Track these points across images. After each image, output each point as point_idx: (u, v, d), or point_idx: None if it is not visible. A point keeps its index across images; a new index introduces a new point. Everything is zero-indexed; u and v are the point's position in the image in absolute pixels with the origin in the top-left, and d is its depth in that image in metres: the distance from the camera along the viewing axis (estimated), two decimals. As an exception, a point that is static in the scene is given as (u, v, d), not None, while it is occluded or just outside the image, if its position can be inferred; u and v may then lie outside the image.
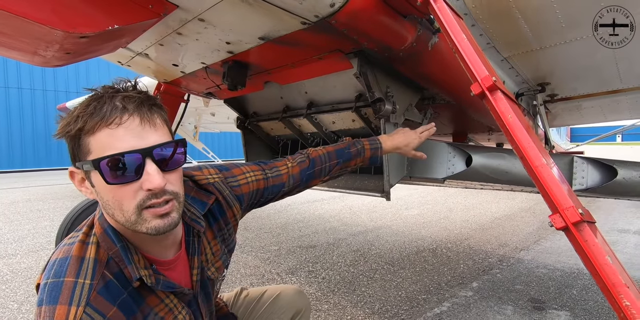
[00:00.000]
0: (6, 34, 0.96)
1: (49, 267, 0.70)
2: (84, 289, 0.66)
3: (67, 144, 0.69)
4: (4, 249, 3.47)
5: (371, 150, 1.23)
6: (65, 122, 0.67)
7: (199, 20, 1.24)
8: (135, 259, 0.72)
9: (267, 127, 2.30)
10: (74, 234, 0.76)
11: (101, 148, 0.64)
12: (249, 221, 4.61)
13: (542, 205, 5.63)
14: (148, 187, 0.65)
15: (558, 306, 2.20)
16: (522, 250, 3.35)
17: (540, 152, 0.72)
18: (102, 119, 0.64)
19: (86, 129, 0.64)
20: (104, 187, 0.66)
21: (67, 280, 0.67)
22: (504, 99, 0.80)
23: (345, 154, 1.19)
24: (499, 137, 3.19)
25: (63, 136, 0.68)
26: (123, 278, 0.71)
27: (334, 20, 1.14)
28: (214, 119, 5.88)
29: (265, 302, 1.18)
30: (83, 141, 0.66)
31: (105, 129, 0.64)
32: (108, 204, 0.68)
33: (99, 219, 0.74)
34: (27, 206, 5.82)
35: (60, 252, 0.72)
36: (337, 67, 1.51)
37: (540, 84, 2.29)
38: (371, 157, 1.23)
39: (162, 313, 0.76)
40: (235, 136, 18.33)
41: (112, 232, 0.72)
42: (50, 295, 0.65)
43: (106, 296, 0.67)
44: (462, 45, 0.86)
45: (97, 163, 0.64)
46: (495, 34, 1.73)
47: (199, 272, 0.85)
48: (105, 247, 0.72)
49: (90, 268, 0.69)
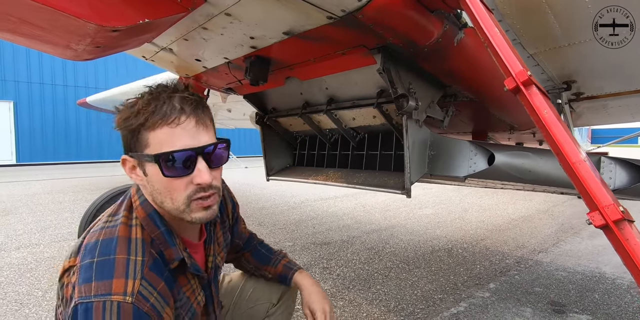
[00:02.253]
0: (43, 27, 0.98)
1: (89, 248, 0.73)
2: (137, 264, 0.71)
3: (123, 135, 0.76)
4: (28, 238, 3.59)
5: (284, 266, 1.18)
6: (124, 115, 0.74)
7: (225, 15, 1.25)
8: (177, 241, 0.80)
9: (286, 123, 2.31)
10: (109, 218, 0.81)
11: (159, 143, 0.72)
12: (264, 217, 4.65)
13: (560, 207, 5.50)
14: (198, 182, 0.74)
15: (579, 310, 2.15)
16: (540, 253, 3.29)
17: (577, 148, 0.70)
18: (163, 117, 0.71)
19: (147, 125, 0.72)
20: (159, 178, 0.73)
21: (119, 257, 0.71)
22: (539, 94, 0.78)
23: (264, 257, 1.23)
24: (519, 136, 3.13)
25: (122, 128, 0.74)
26: (164, 258, 0.78)
27: (361, 14, 1.13)
28: (230, 115, 5.93)
29: (252, 285, 1.21)
30: (142, 135, 0.73)
31: (165, 127, 0.72)
32: (160, 192, 0.76)
33: (142, 204, 0.80)
34: (49, 198, 6.00)
35: (100, 234, 0.76)
36: (360, 63, 1.50)
37: (566, 81, 2.22)
38: (281, 273, 1.17)
39: (188, 293, 0.84)
40: (249, 133, 18.46)
41: (156, 216, 0.79)
42: (103, 271, 0.69)
43: (155, 271, 0.74)
44: (496, 39, 0.85)
45: (158, 157, 0.71)
46: (522, 30, 1.69)
47: (213, 259, 0.94)
48: (148, 229, 0.78)
49: (140, 246, 0.74)
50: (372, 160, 1.97)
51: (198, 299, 0.87)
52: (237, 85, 2.03)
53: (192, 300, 0.85)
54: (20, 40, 1.11)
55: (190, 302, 0.84)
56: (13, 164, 13.67)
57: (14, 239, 3.57)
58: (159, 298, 0.71)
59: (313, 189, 7.00)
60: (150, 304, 0.69)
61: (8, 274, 2.66)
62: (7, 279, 2.57)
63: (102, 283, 0.67)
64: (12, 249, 3.24)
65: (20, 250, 3.21)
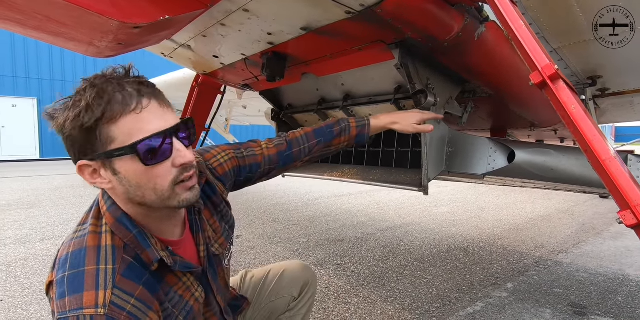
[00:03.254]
0: (68, 25, 1.01)
1: (62, 262, 0.70)
2: (108, 273, 0.68)
3: (72, 138, 0.67)
4: (51, 231, 3.71)
5: (357, 127, 1.18)
6: (69, 116, 0.65)
7: (243, 11, 1.25)
8: (153, 242, 0.75)
9: (302, 119, 2.31)
10: (78, 228, 0.77)
11: (128, 134, 0.66)
12: (278, 213, 4.68)
13: (581, 207, 5.35)
14: (182, 162, 0.71)
15: (601, 312, 2.09)
16: (560, 253, 3.20)
17: (607, 144, 0.68)
18: (124, 105, 0.65)
19: (107, 118, 0.65)
20: (137, 171, 0.68)
21: (88, 268, 0.68)
22: (567, 88, 0.76)
23: (327, 133, 1.16)
24: (540, 133, 3.05)
25: (71, 130, 0.65)
26: (141, 262, 0.73)
27: (380, 9, 1.12)
28: (245, 112, 5.98)
29: (273, 279, 1.22)
30: (102, 131, 0.65)
31: (131, 114, 0.66)
32: (139, 186, 0.69)
33: (109, 209, 0.75)
34: (70, 192, 6.19)
35: (70, 246, 0.72)
36: (377, 59, 1.49)
37: (591, 77, 2.15)
38: (357, 135, 1.18)
39: (180, 291, 0.80)
40: (263, 129, 18.57)
41: (126, 220, 0.74)
42: (73, 285, 0.66)
43: (131, 277, 0.70)
44: (521, 32, 0.82)
45: (134, 147, 0.66)
46: (546, 23, 1.64)
47: (205, 248, 0.89)
48: (120, 235, 0.73)
49: (109, 254, 0.70)
50: (388, 157, 1.95)
51: (195, 295, 0.84)
52: (254, 81, 2.04)
53: (188, 297, 0.82)
54: (46, 37, 1.14)
55: (185, 300, 0.81)
56: (37, 158, 14.16)
57: (39, 231, 3.70)
58: (137, 304, 0.68)
59: (326, 186, 7.00)
60: (127, 311, 0.66)
61: (33, 264, 2.76)
62: (32, 269, 2.67)
63: (74, 297, 0.65)
64: (36, 241, 3.36)
65: (45, 242, 3.32)
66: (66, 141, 0.68)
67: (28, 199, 5.46)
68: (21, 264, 2.77)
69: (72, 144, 0.68)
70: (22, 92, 13.96)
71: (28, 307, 2.10)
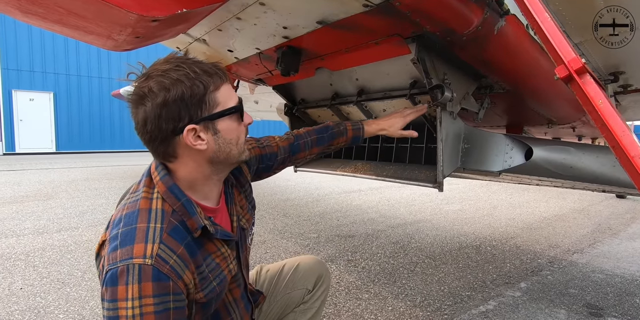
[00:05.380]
0: (87, 18, 1.01)
1: (115, 222, 0.79)
2: (156, 230, 0.75)
3: (183, 108, 0.77)
4: (67, 222, 3.80)
5: (353, 130, 1.34)
6: (181, 90, 0.76)
7: (259, 4, 1.25)
8: (198, 210, 0.83)
9: (315, 114, 2.30)
10: (130, 195, 0.85)
11: (227, 99, 0.83)
12: (288, 208, 4.70)
13: (597, 207, 5.24)
14: (249, 121, 0.91)
15: (618, 314, 2.05)
16: (575, 253, 3.15)
17: (636, 141, 0.65)
18: (219, 77, 0.82)
19: (213, 87, 0.80)
20: (232, 127, 0.85)
21: (140, 225, 0.75)
22: (593, 82, 0.73)
23: (326, 131, 1.32)
24: (557, 131, 2.97)
25: (187, 101, 0.78)
26: (186, 227, 0.81)
27: (398, 1, 1.10)
28: (257, 107, 5.98)
29: (287, 273, 1.27)
30: (210, 98, 0.80)
31: (224, 84, 0.83)
32: (230, 142, 0.85)
33: (162, 179, 0.83)
34: (85, 185, 6.32)
35: (124, 209, 0.80)
36: (393, 53, 1.46)
37: (613, 73, 2.08)
38: (353, 136, 1.33)
39: (217, 259, 0.87)
40: (274, 124, 18.62)
41: (176, 188, 0.82)
42: (125, 239, 0.73)
43: (175, 237, 0.77)
44: (546, 24, 0.79)
45: (238, 108, 0.85)
46: (568, 16, 1.59)
47: (237, 219, 0.99)
48: (169, 201, 0.81)
49: (159, 215, 0.78)
50: (402, 152, 1.93)
51: (230, 266, 0.91)
52: (267, 76, 2.04)
53: (224, 267, 0.88)
54: (66, 31, 1.15)
55: (221, 269, 0.87)
56: (53, 151, 14.48)
57: (55, 222, 3.80)
58: (178, 261, 0.74)
59: (337, 181, 7.00)
60: (169, 265, 0.72)
61: (50, 255, 2.84)
62: (50, 259, 2.74)
63: (125, 249, 0.71)
64: (53, 232, 3.44)
65: (61, 233, 3.41)
66: (173, 112, 0.77)
67: (45, 191, 5.60)
68: (39, 253, 2.85)
69: (176, 115, 0.77)
70: (39, 86, 14.25)
71: (46, 296, 2.15)
